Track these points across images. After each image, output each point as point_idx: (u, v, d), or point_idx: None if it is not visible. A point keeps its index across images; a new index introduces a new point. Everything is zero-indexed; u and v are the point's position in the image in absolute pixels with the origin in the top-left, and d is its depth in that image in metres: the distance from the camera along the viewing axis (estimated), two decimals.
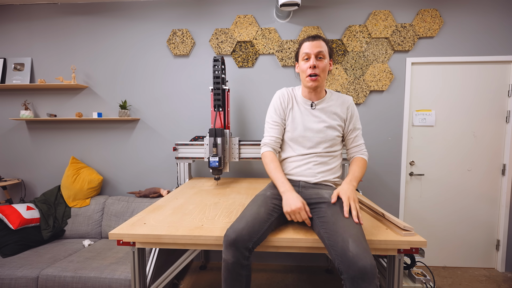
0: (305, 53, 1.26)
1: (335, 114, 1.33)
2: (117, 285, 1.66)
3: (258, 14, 2.40)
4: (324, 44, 1.27)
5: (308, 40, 1.28)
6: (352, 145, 1.37)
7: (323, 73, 1.27)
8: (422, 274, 1.71)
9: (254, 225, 1.05)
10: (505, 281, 2.25)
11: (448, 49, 2.32)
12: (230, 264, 1.01)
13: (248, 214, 1.11)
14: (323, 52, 1.25)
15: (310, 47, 1.25)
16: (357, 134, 1.36)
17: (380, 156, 2.43)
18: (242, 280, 1.03)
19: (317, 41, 1.26)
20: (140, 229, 1.17)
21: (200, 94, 2.49)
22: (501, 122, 2.35)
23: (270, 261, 2.55)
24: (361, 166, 1.29)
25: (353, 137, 1.36)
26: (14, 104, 2.58)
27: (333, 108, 1.33)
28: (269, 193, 1.27)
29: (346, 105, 1.35)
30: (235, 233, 1.01)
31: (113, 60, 2.51)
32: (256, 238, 1.03)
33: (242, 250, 1.00)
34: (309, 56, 1.26)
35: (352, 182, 1.20)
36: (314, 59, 1.25)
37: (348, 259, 0.90)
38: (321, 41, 1.27)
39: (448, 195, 2.44)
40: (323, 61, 1.26)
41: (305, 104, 1.34)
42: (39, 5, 2.50)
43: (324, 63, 1.26)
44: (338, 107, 1.34)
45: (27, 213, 2.17)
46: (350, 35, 2.34)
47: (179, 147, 2.24)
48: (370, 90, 2.37)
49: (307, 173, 1.30)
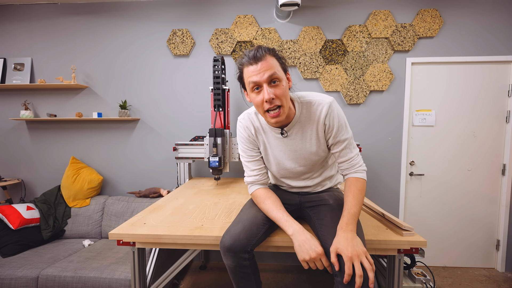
0: (252, 82, 0.94)
1: (312, 136, 1.08)
2: (117, 285, 1.66)
3: (258, 14, 2.40)
4: (273, 59, 0.95)
5: (250, 64, 0.94)
6: (341, 160, 1.07)
7: (285, 100, 0.97)
8: (422, 274, 1.71)
9: (251, 228, 1.03)
10: (505, 281, 2.24)
11: (448, 49, 2.32)
12: (232, 267, 1.01)
13: (245, 218, 1.08)
14: (276, 75, 0.93)
15: (256, 72, 0.92)
16: (344, 147, 1.05)
17: (380, 156, 2.43)
18: (250, 277, 1.03)
19: (262, 61, 0.92)
20: (140, 229, 1.17)
21: (200, 94, 2.49)
22: (501, 122, 2.35)
23: (270, 261, 2.55)
24: (357, 194, 1.00)
25: (338, 151, 1.06)
26: (14, 104, 2.58)
27: (308, 129, 1.07)
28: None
29: (321, 119, 1.04)
30: (232, 239, 0.98)
31: (113, 60, 2.51)
32: (254, 241, 1.01)
33: (241, 254, 0.99)
34: (259, 85, 0.94)
35: (348, 226, 0.93)
36: (267, 88, 0.93)
37: (342, 264, 0.89)
38: (268, 58, 0.93)
39: (448, 195, 2.44)
40: (280, 85, 0.95)
41: (275, 132, 1.10)
42: (39, 5, 2.50)
43: (281, 88, 0.95)
44: (314, 125, 1.06)
45: (27, 213, 2.17)
46: (350, 35, 2.34)
47: (179, 147, 2.24)
48: (370, 90, 2.37)
49: (307, 190, 1.24)
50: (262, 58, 0.93)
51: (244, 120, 1.15)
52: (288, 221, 1.02)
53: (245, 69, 0.97)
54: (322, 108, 1.03)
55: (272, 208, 1.07)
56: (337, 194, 1.23)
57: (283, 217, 1.03)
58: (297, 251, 0.95)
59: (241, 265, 1.00)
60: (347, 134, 1.06)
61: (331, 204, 1.14)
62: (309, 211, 1.19)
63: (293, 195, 1.26)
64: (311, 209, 1.18)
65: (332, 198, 1.18)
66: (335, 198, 1.18)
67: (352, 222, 0.95)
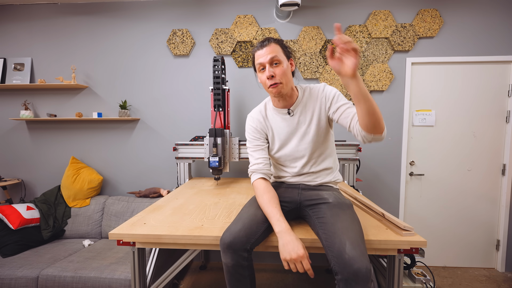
0: (259, 63, 1.14)
1: (314, 114, 1.20)
2: (117, 285, 1.66)
3: (258, 14, 2.40)
4: (277, 46, 1.14)
5: (258, 49, 1.15)
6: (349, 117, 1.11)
7: (284, 78, 1.13)
8: (422, 274, 1.71)
9: (251, 226, 1.04)
10: (505, 281, 2.25)
11: (448, 49, 2.32)
12: (230, 267, 1.01)
13: (245, 216, 1.09)
14: (277, 57, 1.12)
15: (262, 55, 1.13)
16: (347, 107, 1.13)
17: (380, 156, 2.43)
18: (245, 281, 1.02)
19: (267, 47, 1.13)
20: (140, 229, 1.17)
21: (200, 94, 2.49)
22: (501, 122, 2.35)
23: (270, 261, 2.55)
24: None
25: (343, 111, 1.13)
26: (14, 104, 2.59)
27: (310, 108, 1.21)
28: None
29: (320, 97, 1.20)
30: (232, 236, 0.99)
31: (113, 60, 2.51)
32: (254, 239, 1.02)
33: (240, 252, 0.99)
34: (264, 66, 1.14)
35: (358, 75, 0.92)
36: (269, 67, 1.12)
37: (344, 261, 0.90)
38: (273, 45, 1.14)
39: (448, 195, 2.44)
40: (280, 66, 1.13)
41: (282, 113, 1.24)
42: (39, 5, 2.50)
43: (281, 68, 1.13)
44: (316, 103, 1.20)
45: (27, 213, 2.17)
46: (350, 35, 2.34)
47: (179, 147, 2.24)
48: (370, 90, 2.37)
49: (307, 179, 1.27)
50: (267, 44, 1.13)
51: (254, 113, 1.30)
52: (279, 220, 1.05)
53: (255, 54, 1.17)
54: (320, 86, 1.23)
55: (268, 203, 1.11)
56: (337, 193, 1.23)
57: (276, 215, 1.07)
58: (280, 250, 1.00)
59: (239, 265, 1.00)
60: (346, 101, 1.17)
61: (330, 203, 1.15)
62: (308, 210, 1.20)
63: (293, 190, 1.27)
64: (311, 208, 1.19)
65: (332, 197, 1.18)
66: (335, 197, 1.18)
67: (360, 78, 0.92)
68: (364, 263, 0.88)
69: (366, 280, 0.87)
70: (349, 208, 1.14)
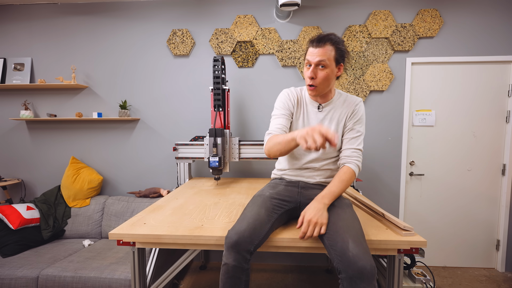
0: (307, 59, 1.18)
1: (338, 121, 1.26)
2: (117, 285, 1.66)
3: (258, 14, 2.40)
4: (331, 49, 1.14)
5: (311, 46, 1.16)
6: (346, 147, 1.23)
7: (323, 83, 1.18)
8: (422, 274, 1.71)
9: (255, 226, 1.03)
10: (505, 281, 2.25)
11: (448, 49, 2.32)
12: (230, 267, 0.98)
13: (248, 216, 1.09)
14: (325, 61, 1.14)
15: (311, 54, 1.15)
16: (355, 136, 1.23)
17: (380, 156, 2.43)
18: (241, 286, 0.99)
19: (320, 48, 1.13)
20: (140, 229, 1.17)
21: (200, 94, 2.49)
22: (501, 122, 2.35)
23: (270, 261, 2.55)
24: (344, 180, 1.14)
25: (349, 137, 1.23)
26: (14, 104, 2.59)
27: (337, 113, 1.26)
28: (268, 193, 1.23)
29: (352, 107, 1.25)
30: (237, 235, 0.98)
31: (113, 60, 2.51)
32: (257, 240, 1.01)
33: (244, 254, 0.98)
34: (310, 64, 1.17)
35: (324, 199, 1.09)
36: (313, 68, 1.15)
37: (348, 259, 0.90)
38: (326, 47, 1.13)
39: (448, 195, 2.44)
40: (325, 70, 1.15)
41: (313, 105, 1.29)
42: (39, 5, 2.50)
43: (324, 73, 1.16)
44: (343, 111, 1.26)
45: (27, 213, 2.17)
46: (350, 35, 2.34)
47: (179, 147, 2.24)
48: (370, 90, 2.37)
49: (307, 175, 1.29)
50: (321, 45, 1.14)
51: (290, 90, 1.33)
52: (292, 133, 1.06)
53: (309, 49, 1.19)
54: (356, 100, 1.28)
55: (282, 137, 1.12)
56: None
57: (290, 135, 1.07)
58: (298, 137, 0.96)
59: (240, 267, 0.98)
60: (362, 129, 1.25)
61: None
62: None
63: (293, 189, 1.28)
64: None
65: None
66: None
67: (328, 197, 1.09)
68: (368, 261, 0.89)
69: (372, 277, 0.88)
70: (349, 207, 1.15)
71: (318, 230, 1.02)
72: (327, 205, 1.08)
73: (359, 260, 0.88)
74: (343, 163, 1.21)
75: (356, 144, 1.22)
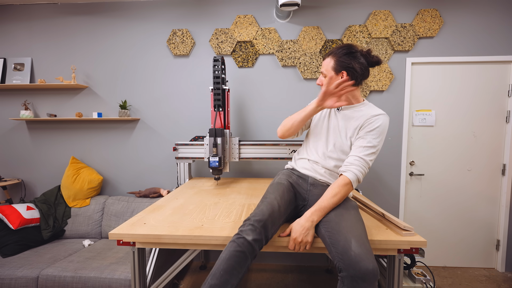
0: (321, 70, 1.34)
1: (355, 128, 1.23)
2: (117, 285, 1.66)
3: (258, 14, 2.40)
4: (330, 61, 1.23)
5: (323, 58, 1.33)
6: (351, 154, 1.18)
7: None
8: (422, 274, 1.71)
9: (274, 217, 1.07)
10: (505, 281, 2.25)
11: (448, 49, 2.32)
12: (246, 242, 0.94)
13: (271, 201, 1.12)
14: (324, 73, 1.26)
15: (322, 66, 1.30)
16: (364, 146, 1.15)
17: (380, 156, 2.43)
18: (241, 270, 0.95)
19: (324, 60, 1.28)
20: (140, 229, 1.17)
21: (200, 94, 2.49)
22: (501, 122, 2.35)
23: (270, 261, 2.55)
24: (336, 194, 1.10)
25: (357, 145, 1.18)
26: (14, 104, 2.58)
27: (355, 119, 1.24)
28: (286, 182, 1.28)
29: (371, 117, 1.19)
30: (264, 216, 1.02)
31: (113, 60, 2.51)
32: (274, 229, 1.06)
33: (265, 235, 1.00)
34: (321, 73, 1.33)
35: (313, 216, 1.08)
36: (320, 76, 1.30)
37: (350, 258, 0.90)
38: (327, 60, 1.25)
39: (448, 195, 2.44)
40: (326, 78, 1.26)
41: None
42: (39, 5, 2.50)
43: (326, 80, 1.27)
44: (361, 120, 1.21)
45: (27, 213, 2.17)
46: (350, 35, 2.34)
47: (179, 147, 2.24)
48: (370, 90, 2.37)
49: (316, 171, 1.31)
50: (325, 58, 1.27)
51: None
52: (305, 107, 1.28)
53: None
54: (379, 112, 1.21)
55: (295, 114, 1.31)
56: None
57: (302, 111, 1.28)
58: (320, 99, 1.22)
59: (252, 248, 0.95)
60: (376, 142, 1.17)
61: None
62: None
63: (303, 183, 1.31)
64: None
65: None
66: None
67: (317, 214, 1.09)
68: (371, 261, 0.89)
69: (374, 278, 0.88)
70: (354, 209, 1.15)
71: (303, 248, 1.07)
72: (315, 223, 1.08)
73: (362, 260, 0.88)
74: (342, 170, 1.16)
75: (363, 153, 1.14)
